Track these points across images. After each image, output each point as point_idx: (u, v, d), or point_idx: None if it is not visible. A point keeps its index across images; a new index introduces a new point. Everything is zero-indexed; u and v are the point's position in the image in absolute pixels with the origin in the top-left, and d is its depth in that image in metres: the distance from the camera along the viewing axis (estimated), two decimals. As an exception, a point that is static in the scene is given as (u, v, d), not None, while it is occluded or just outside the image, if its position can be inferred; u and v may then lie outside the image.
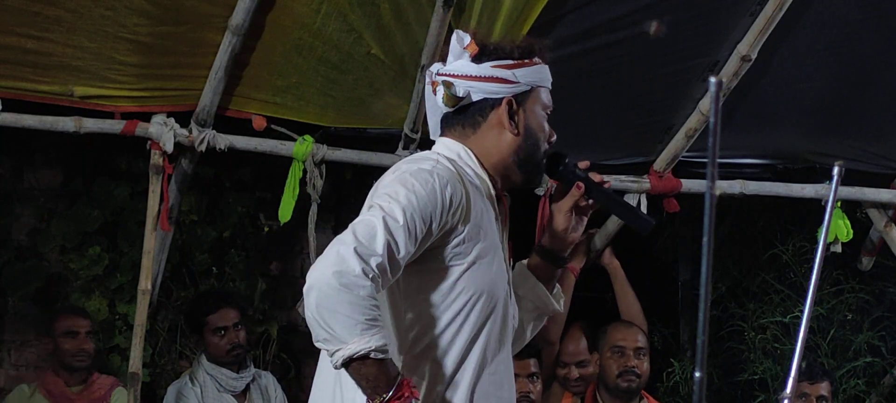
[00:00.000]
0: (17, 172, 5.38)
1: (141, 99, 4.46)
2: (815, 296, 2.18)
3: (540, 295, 2.68)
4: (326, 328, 2.27)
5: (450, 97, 2.55)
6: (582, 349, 4.74)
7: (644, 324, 5.01)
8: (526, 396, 4.32)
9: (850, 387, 5.53)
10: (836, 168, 2.25)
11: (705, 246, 1.65)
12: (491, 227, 2.52)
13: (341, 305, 2.25)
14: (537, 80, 2.62)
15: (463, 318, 2.46)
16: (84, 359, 4.75)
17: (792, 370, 2.12)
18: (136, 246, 4.93)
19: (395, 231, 2.32)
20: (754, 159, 5.32)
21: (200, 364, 4.78)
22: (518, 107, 2.59)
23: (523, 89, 2.60)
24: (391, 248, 2.30)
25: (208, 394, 4.72)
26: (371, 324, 2.26)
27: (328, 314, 2.26)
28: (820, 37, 4.58)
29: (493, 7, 4.14)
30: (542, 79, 2.64)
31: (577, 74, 4.51)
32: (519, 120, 2.59)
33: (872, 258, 5.72)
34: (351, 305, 2.25)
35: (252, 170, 5.48)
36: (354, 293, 2.25)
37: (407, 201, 2.35)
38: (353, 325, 2.25)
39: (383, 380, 2.29)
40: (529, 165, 2.62)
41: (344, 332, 2.26)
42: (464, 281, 2.45)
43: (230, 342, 4.72)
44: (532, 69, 2.61)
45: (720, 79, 1.71)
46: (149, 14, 4.09)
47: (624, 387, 4.49)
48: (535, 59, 2.62)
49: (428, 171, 2.43)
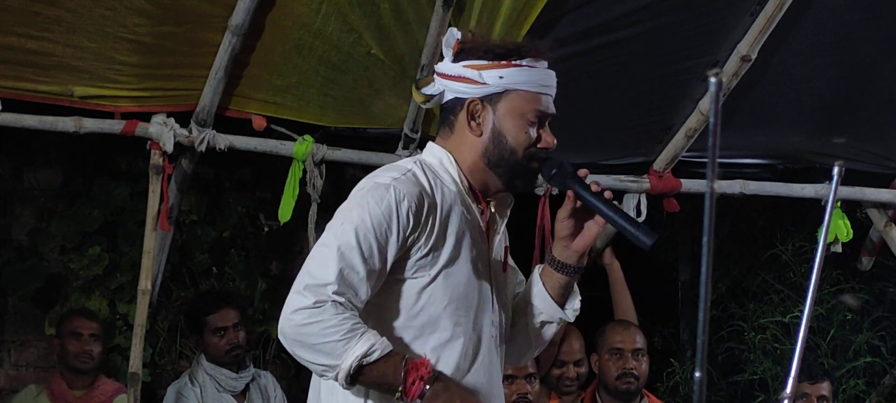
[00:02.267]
0: (17, 172, 5.38)
1: (141, 99, 4.46)
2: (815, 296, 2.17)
3: (545, 301, 2.62)
4: (315, 362, 2.34)
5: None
6: (578, 348, 4.74)
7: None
8: (523, 397, 4.32)
9: (850, 387, 5.53)
10: (836, 168, 2.25)
11: (705, 246, 1.65)
12: (466, 235, 2.48)
13: (313, 338, 2.31)
14: (514, 83, 2.51)
15: (430, 330, 2.44)
16: (87, 361, 4.73)
17: (792, 370, 2.12)
18: (136, 246, 4.93)
19: (349, 254, 2.33)
20: (754, 159, 5.32)
21: (200, 365, 4.78)
22: (483, 109, 2.51)
23: (493, 91, 2.50)
24: (344, 273, 2.32)
25: (208, 394, 4.72)
26: (349, 336, 2.29)
27: (308, 351, 2.33)
28: (820, 37, 4.58)
29: (493, 7, 4.14)
30: (521, 82, 2.51)
31: (577, 74, 4.51)
32: (483, 121, 2.51)
33: (872, 258, 5.72)
34: (321, 333, 2.30)
35: (252, 170, 5.48)
36: (318, 323, 2.30)
37: (360, 221, 2.36)
38: (332, 347, 2.29)
39: (391, 374, 2.32)
40: (503, 169, 2.53)
41: (329, 358, 2.31)
42: (428, 293, 2.43)
43: (230, 342, 4.72)
44: (509, 71, 2.51)
45: (720, 79, 1.70)
46: (149, 14, 4.09)
47: (623, 389, 4.49)
48: (513, 62, 2.51)
49: (385, 186, 2.41)
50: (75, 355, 4.72)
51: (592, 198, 2.48)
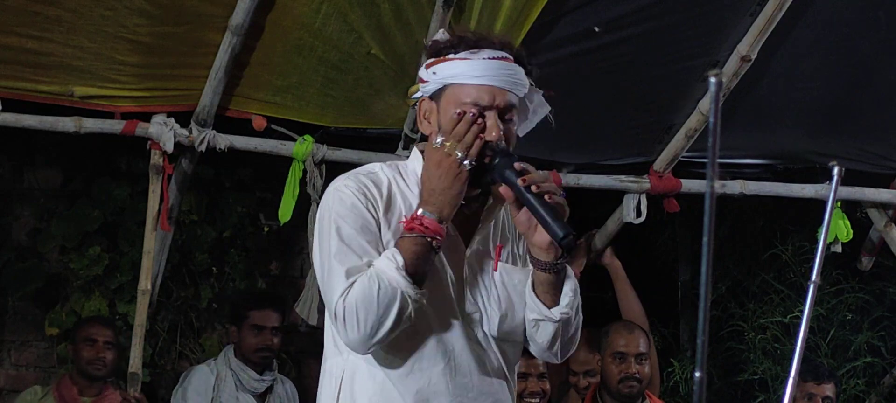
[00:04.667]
0: (17, 172, 5.38)
1: (141, 99, 4.46)
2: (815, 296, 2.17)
3: (533, 300, 2.57)
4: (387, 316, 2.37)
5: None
6: (590, 358, 4.72)
7: (645, 324, 5.00)
8: (535, 394, 4.34)
9: (850, 387, 5.53)
10: (836, 168, 2.26)
11: (705, 246, 1.65)
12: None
13: (361, 317, 2.37)
14: (448, 77, 2.47)
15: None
16: (100, 368, 4.74)
17: (792, 370, 2.12)
18: (136, 246, 4.93)
19: (342, 250, 2.41)
20: (754, 159, 5.32)
21: (226, 357, 4.82)
22: (430, 107, 2.51)
23: (434, 87, 2.49)
24: (349, 268, 2.39)
25: (224, 388, 4.73)
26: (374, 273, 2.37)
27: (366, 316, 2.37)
28: (820, 37, 4.58)
29: (493, 7, 4.14)
30: (455, 76, 2.46)
31: (577, 74, 4.51)
32: (431, 119, 2.51)
33: (872, 258, 5.72)
34: (365, 310, 2.36)
35: (252, 170, 5.48)
36: (353, 314, 2.37)
37: (335, 223, 2.43)
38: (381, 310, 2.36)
39: (409, 241, 2.39)
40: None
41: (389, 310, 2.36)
42: None
43: (263, 343, 4.77)
44: (442, 66, 2.48)
45: (720, 79, 1.70)
46: (149, 14, 4.09)
47: (625, 393, 4.48)
48: (448, 56, 2.47)
49: (336, 189, 2.48)
50: (89, 361, 4.73)
51: (519, 189, 2.42)
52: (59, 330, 5.26)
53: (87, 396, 4.77)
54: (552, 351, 2.60)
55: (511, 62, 2.49)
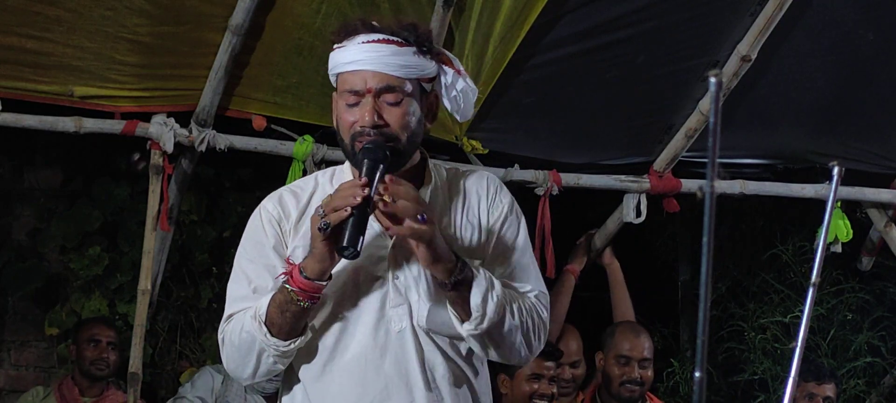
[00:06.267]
0: (17, 172, 5.38)
1: (141, 99, 4.46)
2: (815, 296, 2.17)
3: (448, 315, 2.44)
4: (248, 363, 2.45)
5: None
6: (575, 349, 4.73)
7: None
8: (543, 396, 4.34)
9: (850, 387, 5.53)
10: (836, 168, 2.25)
11: (705, 246, 1.65)
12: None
13: (229, 354, 2.48)
14: (333, 67, 2.45)
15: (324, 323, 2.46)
16: (103, 368, 4.75)
17: (792, 370, 2.12)
18: (136, 246, 4.93)
19: (231, 295, 2.49)
20: (754, 159, 5.32)
21: None
22: (334, 102, 2.48)
23: (333, 80, 2.48)
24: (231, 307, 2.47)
25: (232, 389, 4.74)
26: (249, 329, 2.40)
27: (232, 354, 2.47)
28: (820, 37, 4.58)
29: (493, 7, 4.14)
30: (336, 66, 2.44)
31: (577, 74, 4.51)
32: (335, 112, 2.48)
33: (872, 258, 5.72)
34: (230, 348, 2.47)
35: (252, 170, 5.48)
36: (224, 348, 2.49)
37: (237, 264, 2.51)
38: (241, 353, 2.44)
39: (278, 296, 2.37)
40: (349, 158, 2.47)
41: (249, 354, 2.42)
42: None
43: None
44: (331, 56, 2.46)
45: (720, 79, 1.70)
46: (149, 14, 4.09)
47: (626, 396, 4.49)
48: (334, 47, 2.45)
49: (253, 215, 2.53)
50: (92, 361, 4.74)
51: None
52: (59, 330, 5.26)
53: (88, 396, 4.78)
54: (501, 358, 2.48)
55: (391, 43, 2.40)
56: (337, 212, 2.27)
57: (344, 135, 2.44)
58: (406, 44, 2.42)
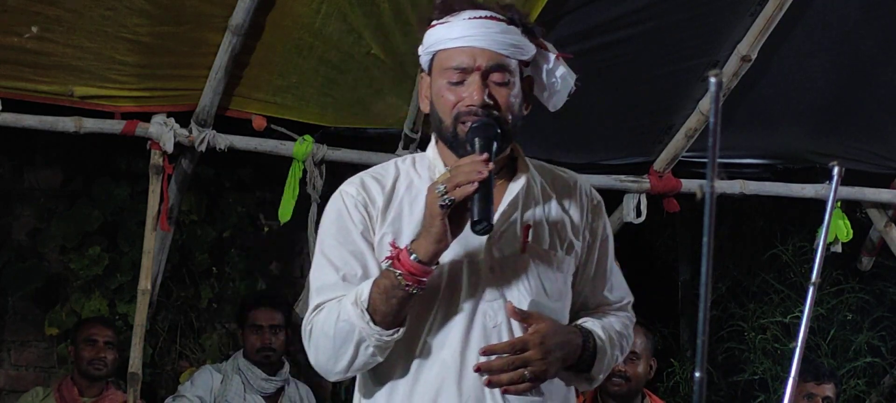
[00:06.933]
0: (17, 172, 5.38)
1: (141, 99, 4.46)
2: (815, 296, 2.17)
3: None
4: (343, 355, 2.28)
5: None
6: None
7: None
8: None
9: (850, 387, 5.53)
10: (836, 168, 2.25)
11: (705, 246, 1.65)
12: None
13: (320, 345, 2.29)
14: (434, 43, 2.33)
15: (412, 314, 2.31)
16: (101, 368, 4.75)
17: (792, 370, 2.12)
18: (136, 246, 4.93)
19: (317, 284, 2.33)
20: (754, 159, 5.32)
21: (235, 359, 4.85)
22: (425, 81, 2.37)
23: (427, 59, 2.36)
24: (320, 297, 2.31)
25: (231, 387, 4.74)
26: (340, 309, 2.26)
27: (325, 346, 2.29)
28: (820, 37, 4.58)
29: (493, 7, 4.13)
30: (439, 41, 2.31)
31: (577, 74, 4.50)
32: (427, 95, 2.36)
33: (872, 258, 5.72)
34: (322, 339, 2.28)
35: (252, 170, 5.48)
36: (313, 340, 2.30)
37: (319, 251, 2.35)
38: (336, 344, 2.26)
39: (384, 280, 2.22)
40: (448, 142, 2.33)
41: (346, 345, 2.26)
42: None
43: (262, 342, 4.78)
44: (430, 33, 2.34)
45: (720, 79, 1.71)
46: (149, 14, 4.09)
47: (613, 391, 4.49)
48: (433, 23, 2.33)
49: (334, 199, 2.38)
50: (89, 360, 4.74)
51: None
52: (59, 330, 5.26)
53: (87, 396, 4.78)
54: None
55: (499, 21, 2.30)
56: (461, 188, 2.14)
57: (444, 115, 2.31)
58: (511, 23, 2.32)
